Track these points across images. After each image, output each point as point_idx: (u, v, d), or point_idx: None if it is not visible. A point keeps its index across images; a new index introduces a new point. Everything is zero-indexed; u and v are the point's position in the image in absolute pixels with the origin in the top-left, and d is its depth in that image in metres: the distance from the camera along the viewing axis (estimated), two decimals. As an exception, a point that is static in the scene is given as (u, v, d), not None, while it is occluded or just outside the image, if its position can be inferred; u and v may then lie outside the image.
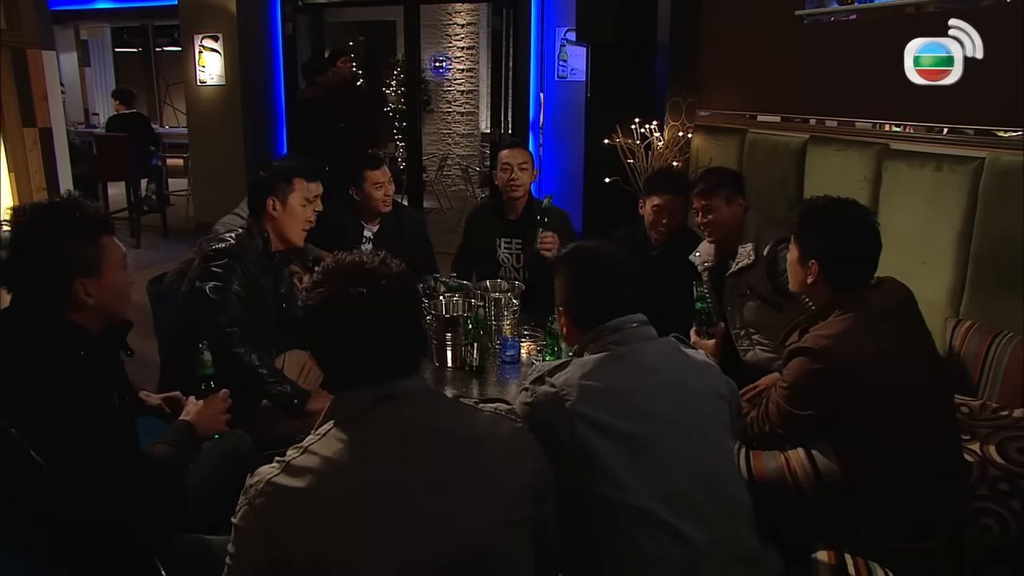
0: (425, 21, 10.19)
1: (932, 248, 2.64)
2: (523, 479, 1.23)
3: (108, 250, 1.62)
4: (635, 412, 1.45)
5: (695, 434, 1.48)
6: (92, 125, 8.34)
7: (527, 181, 3.24)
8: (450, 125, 10.86)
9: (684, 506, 1.41)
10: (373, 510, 1.12)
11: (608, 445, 1.42)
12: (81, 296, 1.57)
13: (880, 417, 1.73)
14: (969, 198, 2.50)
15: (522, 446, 1.27)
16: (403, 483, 1.14)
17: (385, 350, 1.21)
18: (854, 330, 1.73)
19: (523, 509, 1.22)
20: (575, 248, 1.72)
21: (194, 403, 1.85)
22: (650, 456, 1.43)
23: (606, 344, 1.54)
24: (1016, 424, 2.01)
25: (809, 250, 1.87)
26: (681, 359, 1.58)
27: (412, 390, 1.22)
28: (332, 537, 1.10)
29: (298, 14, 6.74)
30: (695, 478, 1.43)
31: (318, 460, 1.13)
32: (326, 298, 1.21)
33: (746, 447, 1.94)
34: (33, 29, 4.52)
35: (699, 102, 3.97)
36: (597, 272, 1.63)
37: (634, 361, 1.52)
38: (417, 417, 1.20)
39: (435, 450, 1.18)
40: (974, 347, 2.35)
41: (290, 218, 2.42)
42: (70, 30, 8.81)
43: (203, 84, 6.31)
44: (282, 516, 1.11)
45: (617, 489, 1.40)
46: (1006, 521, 1.86)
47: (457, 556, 1.14)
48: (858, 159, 2.91)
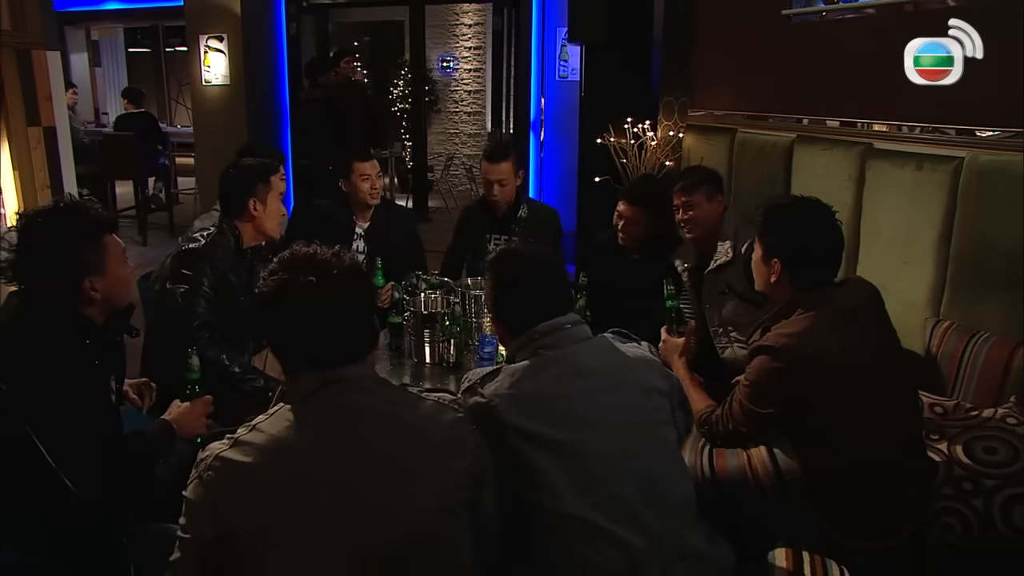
0: (433, 21, 10.25)
1: (913, 248, 2.63)
2: (464, 466, 1.28)
3: (110, 248, 1.72)
4: (568, 419, 1.45)
5: (631, 435, 1.48)
6: (102, 124, 8.46)
7: (508, 195, 3.27)
8: (457, 125, 10.90)
9: (621, 511, 1.41)
10: (323, 492, 1.16)
11: (542, 455, 1.42)
12: (89, 292, 1.67)
13: (842, 416, 1.74)
14: (949, 198, 2.49)
15: (463, 435, 1.31)
16: (352, 467, 1.19)
17: (332, 337, 1.26)
18: (816, 328, 1.74)
19: (462, 495, 1.26)
20: (501, 252, 1.72)
21: (178, 405, 1.92)
22: (585, 463, 1.43)
23: (535, 349, 1.52)
24: (984, 424, 2.01)
25: (772, 249, 1.88)
26: (616, 358, 1.57)
27: (359, 376, 1.27)
28: (278, 513, 1.14)
29: (302, 15, 6.80)
30: (632, 481, 1.43)
31: (265, 437, 1.19)
32: (278, 286, 1.27)
33: (711, 445, 1.95)
34: (38, 30, 4.60)
35: (691, 102, 3.98)
36: (523, 275, 1.61)
37: (566, 364, 1.50)
38: (364, 402, 1.26)
39: (383, 436, 1.23)
40: (951, 347, 2.35)
41: (269, 215, 2.47)
42: (81, 31, 8.93)
43: (208, 84, 6.38)
44: (230, 490, 1.16)
45: (553, 499, 1.40)
46: (968, 520, 1.86)
47: (403, 543, 1.18)
48: (843, 158, 2.92)
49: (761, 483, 1.81)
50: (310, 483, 1.16)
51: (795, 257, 1.84)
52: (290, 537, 1.14)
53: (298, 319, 1.26)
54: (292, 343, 1.28)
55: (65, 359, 1.60)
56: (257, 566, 1.14)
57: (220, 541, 1.15)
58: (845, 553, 1.74)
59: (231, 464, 1.16)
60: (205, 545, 1.16)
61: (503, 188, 3.25)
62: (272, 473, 1.16)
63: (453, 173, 9.65)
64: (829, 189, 2.97)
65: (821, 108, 3.11)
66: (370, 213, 3.45)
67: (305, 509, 1.15)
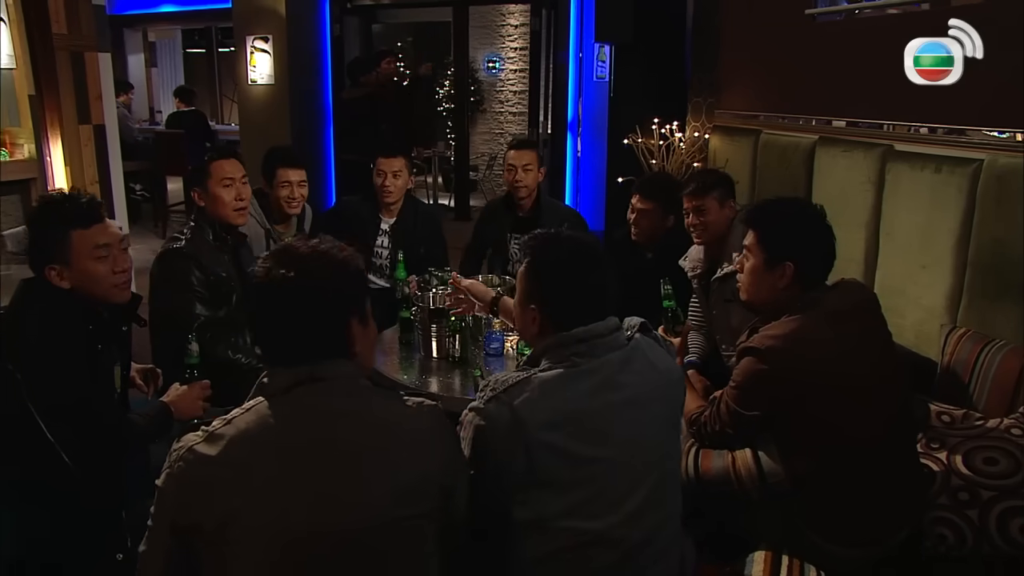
0: (479, 22, 10.33)
1: (931, 252, 2.58)
2: (430, 473, 1.25)
3: (75, 242, 1.78)
4: (599, 434, 1.38)
5: (654, 451, 1.44)
6: (155, 122, 8.78)
7: (531, 182, 3.31)
8: (502, 125, 10.96)
9: (636, 521, 1.40)
10: (285, 488, 1.16)
11: (567, 470, 1.36)
12: (56, 281, 1.76)
13: (827, 419, 1.72)
14: (967, 201, 2.43)
15: (435, 441, 1.28)
16: (315, 465, 1.18)
17: (308, 332, 1.24)
18: (802, 330, 1.72)
19: (425, 502, 1.24)
20: (559, 237, 1.54)
21: (176, 388, 2.01)
22: (609, 480, 1.38)
23: (569, 355, 1.41)
24: (987, 434, 1.97)
25: (781, 253, 1.80)
26: (649, 369, 1.47)
27: (336, 374, 1.25)
28: (240, 507, 1.15)
29: (346, 16, 6.95)
30: (651, 490, 1.41)
31: (235, 431, 1.19)
32: (259, 277, 1.27)
33: (699, 445, 1.94)
34: (91, 33, 4.82)
35: (717, 102, 3.94)
36: (584, 269, 1.46)
37: (601, 377, 1.41)
38: (336, 400, 1.24)
39: (350, 436, 1.22)
40: (964, 355, 2.30)
41: (216, 202, 2.51)
42: (138, 33, 9.29)
43: (253, 83, 6.56)
44: (196, 482, 1.17)
45: (576, 516, 1.36)
46: (962, 532, 1.82)
47: (362, 543, 1.18)
48: (863, 160, 2.86)
49: (744, 485, 1.80)
50: (273, 479, 1.16)
51: (806, 255, 1.80)
52: (251, 531, 1.14)
53: (273, 312, 1.25)
54: (270, 335, 1.28)
55: (66, 342, 1.69)
56: (220, 559, 1.16)
57: (185, 532, 1.17)
58: (831, 560, 1.73)
59: (200, 457, 1.18)
60: (172, 536, 1.18)
61: (527, 173, 3.30)
62: (236, 467, 1.17)
63: (497, 173, 9.72)
64: (849, 192, 2.93)
65: (841, 109, 3.06)
66: (396, 210, 3.52)
67: (266, 505, 1.15)
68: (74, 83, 4.69)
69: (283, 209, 3.09)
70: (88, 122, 4.80)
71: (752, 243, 1.85)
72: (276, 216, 3.12)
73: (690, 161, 3.99)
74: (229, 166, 2.54)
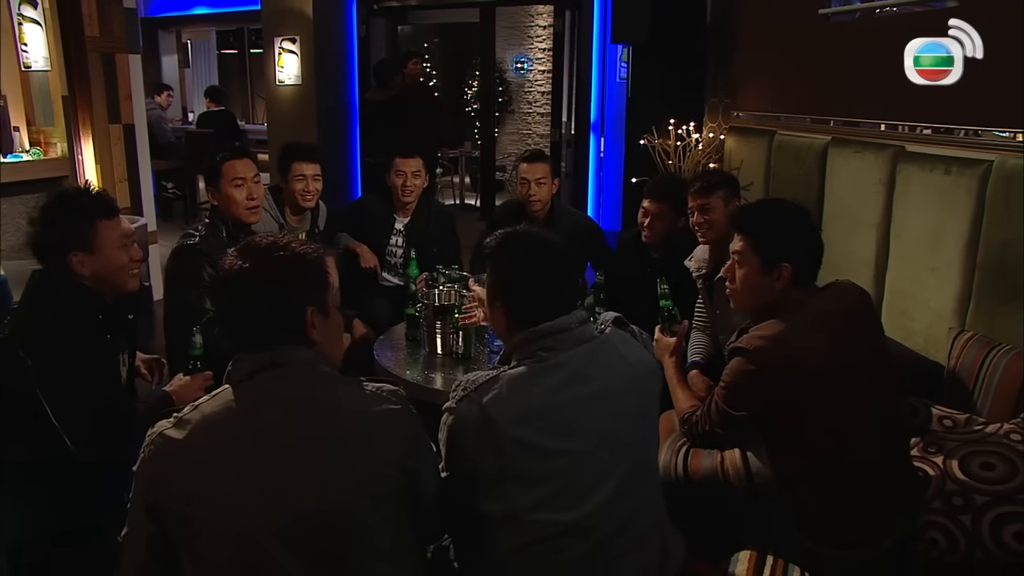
0: (508, 23, 10.37)
1: (940, 255, 2.54)
2: (389, 456, 1.28)
3: (102, 231, 1.87)
4: (567, 428, 1.40)
5: (625, 443, 1.45)
6: (188, 122, 8.98)
7: (545, 195, 3.32)
8: (530, 126, 10.98)
9: (607, 512, 1.41)
10: (242, 469, 1.21)
11: (537, 464, 1.39)
12: (77, 268, 1.84)
13: (816, 420, 1.71)
14: (976, 203, 2.40)
15: (393, 426, 1.31)
16: (272, 446, 1.23)
17: (265, 320, 1.31)
18: (790, 331, 1.72)
19: (384, 484, 1.27)
20: (517, 234, 1.57)
21: (180, 378, 2.07)
22: (580, 473, 1.41)
23: (535, 351, 1.44)
24: (986, 439, 1.94)
25: (778, 254, 1.78)
26: (619, 362, 1.49)
27: (296, 360, 1.31)
28: (203, 490, 1.20)
29: (373, 17, 7.03)
30: (620, 481, 1.43)
31: (200, 416, 1.26)
32: (223, 268, 1.35)
33: (690, 444, 1.95)
34: (122, 35, 4.96)
35: (733, 103, 3.92)
36: (544, 264, 1.50)
37: (567, 371, 1.43)
38: (296, 385, 1.29)
39: (309, 420, 1.26)
40: (970, 359, 2.27)
41: (229, 201, 2.59)
42: (172, 34, 9.50)
43: (281, 84, 6.67)
44: (163, 465, 1.23)
45: (547, 508, 1.38)
46: (955, 537, 1.80)
47: (322, 525, 1.21)
48: (874, 161, 2.83)
49: (732, 485, 1.80)
50: (234, 463, 1.21)
51: (802, 256, 1.79)
52: (213, 514, 1.19)
53: (233, 301, 1.33)
54: (232, 323, 1.36)
55: (75, 331, 1.77)
56: (187, 540, 1.21)
57: (155, 513, 1.23)
58: (819, 561, 1.73)
59: (167, 441, 1.24)
60: (148, 518, 1.24)
61: (540, 187, 3.31)
62: (199, 451, 1.22)
63: (522, 172, 9.72)
64: (860, 193, 2.90)
65: (854, 109, 3.03)
66: (411, 209, 3.57)
67: (228, 488, 1.20)
68: (105, 84, 4.84)
69: (298, 202, 3.15)
70: (118, 121, 4.95)
71: (744, 248, 1.83)
72: (291, 209, 3.19)
73: (706, 162, 3.97)
74: (240, 166, 2.61)
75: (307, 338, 1.34)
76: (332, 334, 1.41)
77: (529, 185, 3.31)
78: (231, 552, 1.20)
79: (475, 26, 8.99)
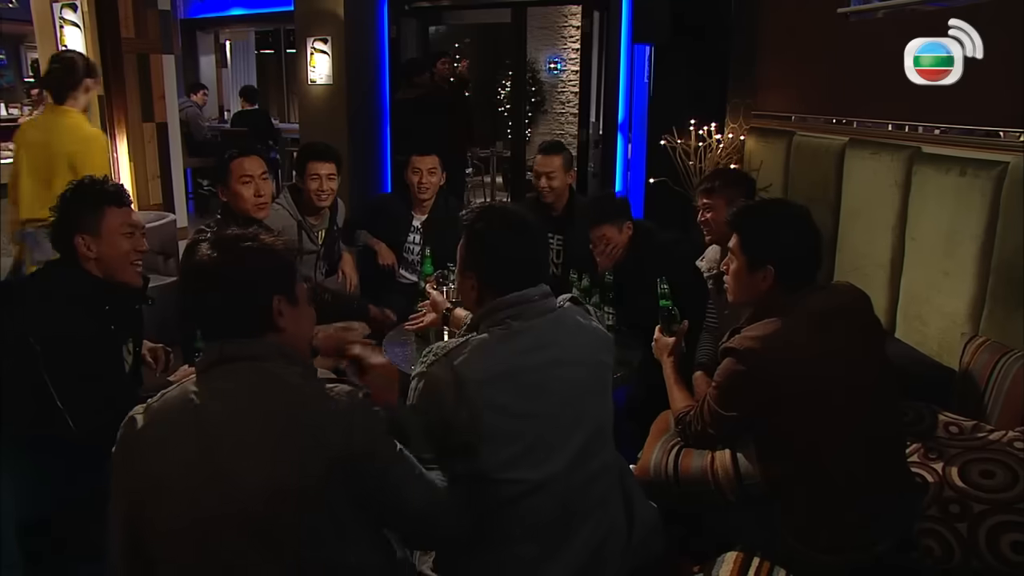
0: (541, 23, 10.39)
1: (955, 259, 2.49)
2: (334, 452, 1.26)
3: (108, 217, 1.97)
4: (532, 390, 1.50)
5: (587, 402, 1.56)
6: (224, 121, 9.18)
7: (559, 186, 3.34)
8: (563, 126, 10.98)
9: (572, 471, 1.51)
10: (187, 459, 1.24)
11: (510, 425, 1.47)
12: (83, 250, 1.93)
13: (806, 422, 1.69)
14: (991, 206, 2.34)
15: (332, 424, 1.29)
16: (211, 438, 1.25)
17: (226, 308, 1.34)
18: (782, 332, 1.71)
19: (316, 479, 1.25)
20: (494, 210, 1.66)
21: (184, 369, 2.15)
22: (544, 432, 1.50)
23: (502, 319, 1.53)
24: (988, 446, 1.90)
25: (762, 255, 1.80)
26: (577, 331, 1.60)
27: (245, 355, 1.32)
28: (155, 476, 1.25)
29: (404, 18, 7.09)
30: (585, 443, 1.52)
31: (159, 404, 1.31)
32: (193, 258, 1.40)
33: (684, 444, 1.94)
34: (156, 37, 5.10)
35: (754, 103, 3.88)
36: (521, 240, 1.59)
37: (531, 337, 1.52)
38: (239, 381, 1.31)
39: (245, 414, 1.28)
40: (980, 365, 2.22)
41: (237, 198, 2.67)
42: (210, 35, 9.71)
43: (313, 84, 6.77)
44: (126, 448, 1.29)
45: (511, 465, 1.46)
46: (950, 545, 1.77)
47: (253, 514, 1.23)
48: (890, 163, 2.78)
49: (721, 486, 1.80)
50: (180, 452, 1.25)
51: (786, 258, 1.79)
52: (164, 502, 1.24)
53: (198, 289, 1.37)
54: (195, 312, 1.40)
55: (83, 318, 1.86)
56: (150, 525, 1.26)
57: (123, 492, 1.28)
58: (808, 564, 1.71)
59: (131, 424, 1.29)
60: (121, 500, 1.29)
61: (551, 181, 3.34)
62: (153, 438, 1.27)
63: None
64: (876, 195, 2.85)
65: (871, 110, 2.98)
66: (428, 207, 3.62)
67: (176, 476, 1.24)
68: (139, 83, 4.98)
69: (313, 201, 3.20)
70: (151, 120, 5.08)
71: (735, 245, 1.85)
72: (307, 208, 3.25)
73: (726, 163, 3.93)
74: (248, 164, 2.69)
75: (275, 325, 1.36)
76: (302, 323, 1.43)
77: (542, 177, 3.33)
78: (187, 540, 1.24)
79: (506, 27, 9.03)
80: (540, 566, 1.51)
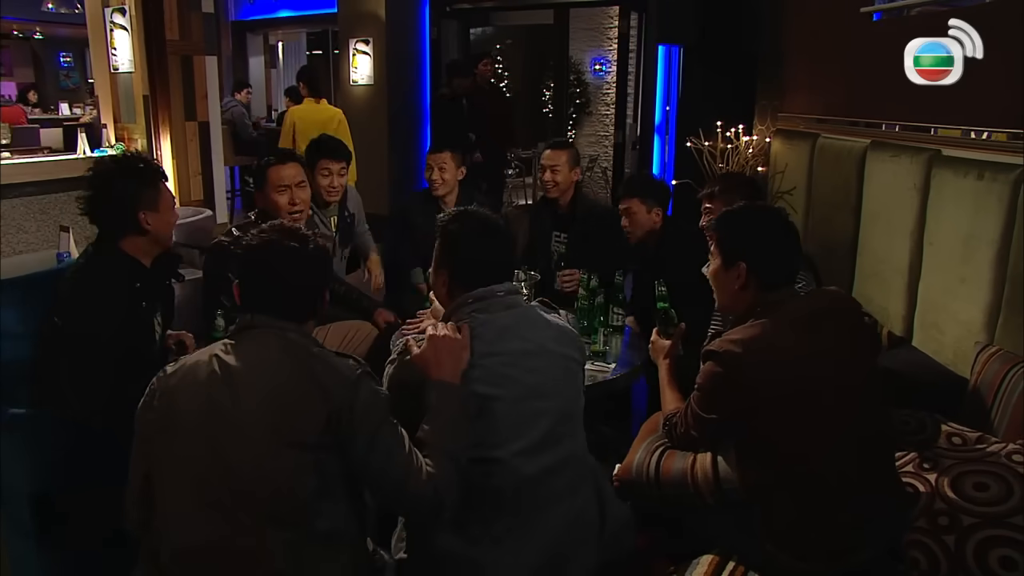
0: (586, 24, 10.34)
1: (971, 265, 2.41)
2: (334, 406, 1.42)
3: (163, 193, 2.13)
4: (501, 378, 1.61)
5: (551, 390, 1.65)
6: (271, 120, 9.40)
7: (562, 181, 3.36)
8: (608, 127, 10.89)
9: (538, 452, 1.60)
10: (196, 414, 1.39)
11: (479, 408, 1.59)
12: (144, 224, 2.07)
13: (786, 427, 1.66)
14: (1008, 210, 2.26)
15: (346, 383, 1.45)
16: (237, 385, 1.40)
17: (292, 295, 1.53)
18: (762, 335, 1.68)
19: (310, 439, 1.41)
20: (466, 214, 1.77)
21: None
22: (515, 417, 1.60)
23: (470, 312, 1.66)
24: (985, 458, 1.84)
25: (734, 253, 1.81)
26: (542, 326, 1.70)
27: (283, 325, 1.49)
28: (171, 412, 1.41)
29: (445, 19, 7.18)
30: (551, 428, 1.62)
31: (180, 365, 1.46)
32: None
33: (669, 445, 1.93)
34: (200, 39, 5.28)
35: (781, 105, 3.81)
36: (493, 242, 1.73)
37: (496, 328, 1.64)
38: (275, 340, 1.47)
39: (276, 364, 1.44)
40: (991, 375, 2.15)
41: (273, 207, 2.71)
42: (259, 37, 9.98)
43: (355, 84, 6.91)
44: (150, 396, 1.44)
45: (479, 447, 1.56)
46: (936, 558, 1.71)
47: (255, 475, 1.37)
48: (909, 165, 2.70)
49: (700, 489, 1.78)
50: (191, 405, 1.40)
51: (757, 255, 1.78)
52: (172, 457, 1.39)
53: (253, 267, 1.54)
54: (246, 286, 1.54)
55: (115, 298, 2.00)
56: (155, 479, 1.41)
57: (142, 451, 1.44)
58: (785, 571, 1.68)
59: (160, 380, 1.46)
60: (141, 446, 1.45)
61: (555, 175, 3.37)
62: (181, 379, 1.43)
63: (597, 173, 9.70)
64: (896, 198, 2.77)
65: (891, 112, 2.90)
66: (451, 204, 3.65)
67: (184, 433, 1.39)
68: (183, 84, 5.17)
69: (323, 196, 3.27)
70: (194, 119, 5.28)
71: (713, 247, 1.88)
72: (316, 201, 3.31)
73: (753, 165, 3.88)
74: (286, 171, 2.70)
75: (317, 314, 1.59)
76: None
77: (545, 171, 3.38)
78: (188, 490, 1.37)
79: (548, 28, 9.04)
80: (509, 544, 1.58)
